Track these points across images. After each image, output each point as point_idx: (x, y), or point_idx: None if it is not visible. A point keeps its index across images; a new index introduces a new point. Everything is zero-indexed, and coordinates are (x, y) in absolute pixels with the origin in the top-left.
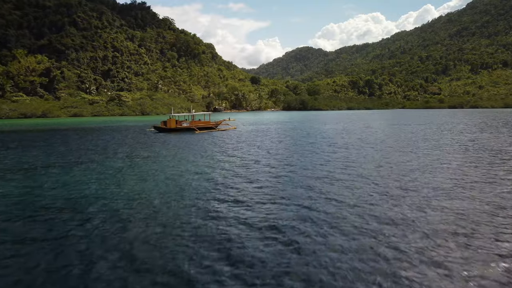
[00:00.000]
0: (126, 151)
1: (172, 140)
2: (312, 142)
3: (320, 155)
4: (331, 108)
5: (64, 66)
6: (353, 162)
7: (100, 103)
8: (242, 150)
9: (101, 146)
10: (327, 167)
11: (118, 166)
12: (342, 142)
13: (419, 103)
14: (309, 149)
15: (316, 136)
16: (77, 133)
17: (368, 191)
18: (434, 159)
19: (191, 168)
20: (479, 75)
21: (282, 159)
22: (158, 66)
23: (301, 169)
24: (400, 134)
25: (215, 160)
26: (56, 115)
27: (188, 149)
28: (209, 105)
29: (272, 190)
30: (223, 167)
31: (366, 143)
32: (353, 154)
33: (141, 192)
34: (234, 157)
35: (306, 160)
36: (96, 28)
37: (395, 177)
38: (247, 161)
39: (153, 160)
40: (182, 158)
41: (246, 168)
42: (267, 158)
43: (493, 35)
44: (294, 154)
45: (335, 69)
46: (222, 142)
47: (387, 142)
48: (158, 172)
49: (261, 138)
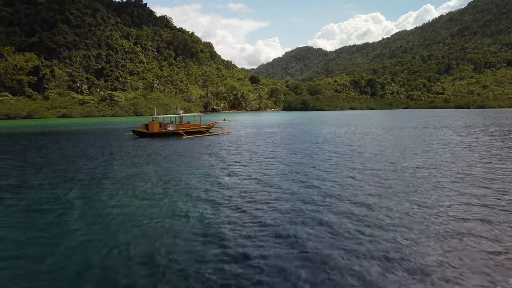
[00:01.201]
0: (83, 169)
1: (152, 148)
2: (333, 158)
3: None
4: (333, 108)
5: (54, 64)
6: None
7: (91, 103)
8: (233, 174)
9: (55, 159)
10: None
11: (57, 195)
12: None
13: (424, 103)
14: (331, 170)
15: (338, 150)
16: (46, 137)
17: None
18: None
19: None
20: (482, 75)
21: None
22: (154, 65)
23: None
24: (432, 143)
25: (188, 195)
26: (42, 116)
27: (163, 168)
28: (206, 105)
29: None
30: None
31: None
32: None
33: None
34: (218, 189)
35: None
36: (90, 25)
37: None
38: (239, 199)
39: (112, 190)
40: (141, 193)
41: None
42: (268, 193)
43: (495, 34)
44: (312, 190)
45: (335, 68)
46: (210, 152)
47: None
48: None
49: (261, 149)
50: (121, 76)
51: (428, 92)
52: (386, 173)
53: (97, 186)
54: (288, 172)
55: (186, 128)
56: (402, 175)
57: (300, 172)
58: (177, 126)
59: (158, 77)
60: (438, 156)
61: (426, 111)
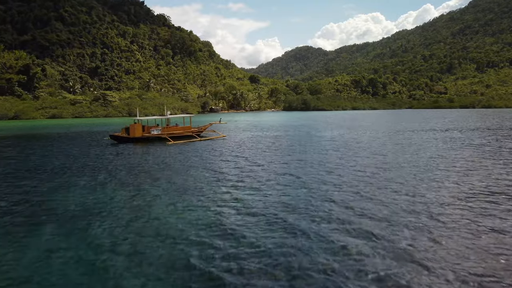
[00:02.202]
0: (28, 194)
1: (128, 159)
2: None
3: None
4: (335, 108)
5: (47, 63)
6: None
7: (83, 103)
8: (225, 204)
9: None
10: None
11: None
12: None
13: (428, 103)
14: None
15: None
16: (14, 141)
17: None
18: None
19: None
20: (485, 74)
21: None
22: (151, 63)
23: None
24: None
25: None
26: (31, 117)
27: (129, 193)
28: (204, 105)
29: None
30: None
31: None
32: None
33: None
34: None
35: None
36: (85, 23)
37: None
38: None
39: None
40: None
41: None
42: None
43: (497, 33)
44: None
45: (336, 68)
46: (197, 166)
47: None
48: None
49: (262, 161)
50: (117, 75)
51: (431, 91)
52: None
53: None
54: (303, 199)
55: (173, 132)
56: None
57: (321, 201)
58: (163, 129)
59: (155, 76)
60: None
61: (432, 111)
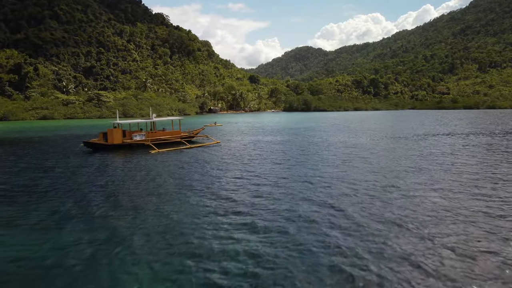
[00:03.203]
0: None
1: (100, 172)
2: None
3: None
4: (337, 109)
5: (40, 62)
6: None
7: (75, 103)
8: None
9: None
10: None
11: None
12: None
13: (431, 103)
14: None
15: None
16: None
17: None
18: None
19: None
20: (488, 74)
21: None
22: (149, 63)
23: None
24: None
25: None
26: (20, 118)
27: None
28: (203, 106)
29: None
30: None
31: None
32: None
33: None
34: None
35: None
36: (81, 22)
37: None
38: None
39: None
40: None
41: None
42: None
43: (499, 33)
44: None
45: (336, 68)
46: (183, 185)
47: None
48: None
49: (263, 179)
50: (112, 75)
51: (433, 92)
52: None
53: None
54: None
55: (160, 138)
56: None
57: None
58: (148, 134)
59: (152, 76)
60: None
61: (438, 112)
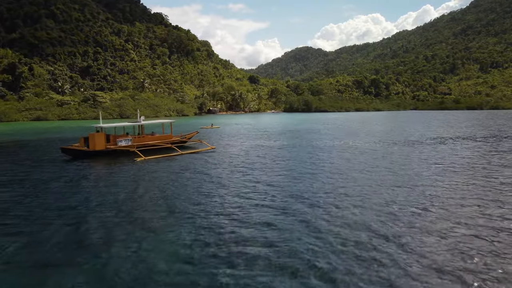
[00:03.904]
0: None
1: (78, 187)
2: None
3: None
4: (338, 110)
5: (35, 62)
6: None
7: (70, 104)
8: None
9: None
10: None
11: None
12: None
13: (433, 104)
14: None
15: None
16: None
17: None
18: None
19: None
20: (489, 74)
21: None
22: (147, 63)
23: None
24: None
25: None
26: (13, 119)
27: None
28: (201, 106)
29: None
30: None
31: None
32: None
33: None
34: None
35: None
36: (78, 21)
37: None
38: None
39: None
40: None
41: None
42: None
43: (500, 33)
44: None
45: (336, 69)
46: (169, 208)
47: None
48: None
49: (265, 194)
50: (110, 75)
51: (434, 92)
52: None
53: None
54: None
55: (148, 143)
56: None
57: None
58: (135, 139)
59: (150, 76)
60: None
61: (442, 113)
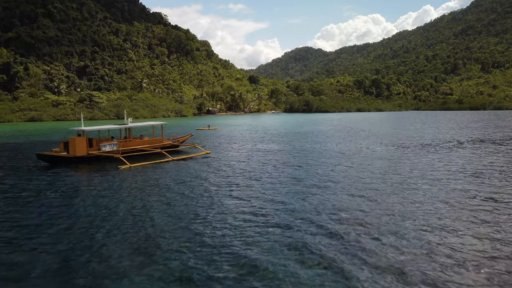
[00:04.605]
0: None
1: (43, 204)
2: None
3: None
4: (339, 110)
5: (31, 61)
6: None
7: (66, 104)
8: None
9: None
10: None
11: None
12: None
13: (436, 104)
14: None
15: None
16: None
17: None
18: None
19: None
20: (491, 75)
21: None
22: (145, 63)
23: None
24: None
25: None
26: (6, 120)
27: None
28: (201, 107)
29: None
30: None
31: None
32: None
33: None
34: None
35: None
36: (75, 20)
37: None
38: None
39: None
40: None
41: None
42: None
43: (501, 33)
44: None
45: (336, 69)
46: (148, 227)
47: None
48: None
49: (268, 212)
50: (107, 74)
51: (436, 92)
52: None
53: None
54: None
55: (135, 148)
56: None
57: None
58: (121, 143)
59: (148, 76)
60: None
61: (446, 113)
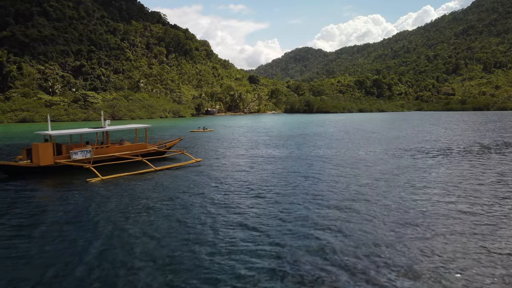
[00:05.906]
0: None
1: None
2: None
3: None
4: (340, 110)
5: (25, 60)
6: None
7: (60, 105)
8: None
9: None
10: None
11: None
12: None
13: (439, 104)
14: None
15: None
16: None
17: None
18: None
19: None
20: (493, 75)
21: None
22: (143, 62)
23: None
24: None
25: None
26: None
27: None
28: (199, 107)
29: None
30: None
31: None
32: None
33: None
34: None
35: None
36: (71, 19)
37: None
38: None
39: None
40: None
41: None
42: None
43: (502, 33)
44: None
45: (336, 69)
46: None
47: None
48: None
49: (267, 241)
50: (104, 74)
51: (438, 93)
52: None
53: None
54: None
55: (113, 155)
56: None
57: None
58: (96, 150)
59: (146, 76)
60: None
61: (451, 114)
